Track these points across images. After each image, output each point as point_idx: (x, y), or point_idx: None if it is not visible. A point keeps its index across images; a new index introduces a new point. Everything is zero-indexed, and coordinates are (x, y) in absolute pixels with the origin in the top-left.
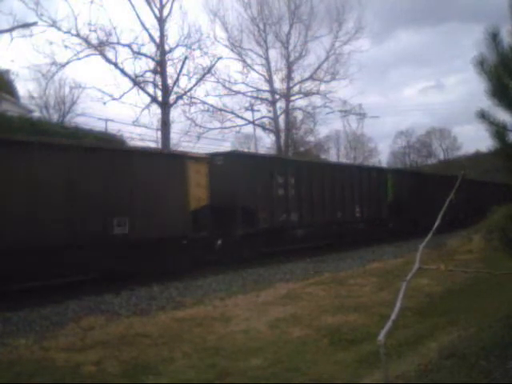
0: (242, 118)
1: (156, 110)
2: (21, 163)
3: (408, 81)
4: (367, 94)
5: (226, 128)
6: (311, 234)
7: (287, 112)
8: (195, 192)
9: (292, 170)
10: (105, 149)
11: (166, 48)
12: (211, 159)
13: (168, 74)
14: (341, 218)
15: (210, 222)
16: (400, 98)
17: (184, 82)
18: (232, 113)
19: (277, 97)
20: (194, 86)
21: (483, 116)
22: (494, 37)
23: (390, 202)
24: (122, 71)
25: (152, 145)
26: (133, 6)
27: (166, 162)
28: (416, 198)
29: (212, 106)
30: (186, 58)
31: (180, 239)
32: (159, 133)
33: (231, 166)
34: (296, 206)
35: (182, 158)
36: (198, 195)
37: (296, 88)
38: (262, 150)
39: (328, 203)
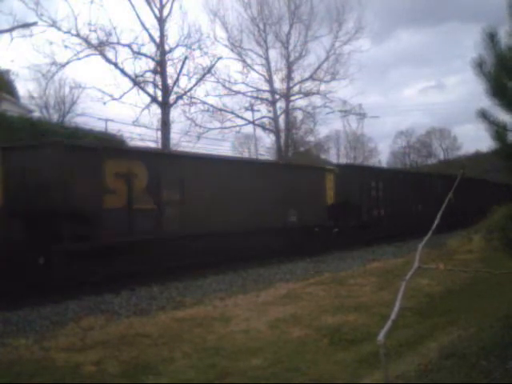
0: (242, 118)
1: (156, 110)
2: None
3: (408, 81)
4: (367, 93)
5: (226, 128)
6: (392, 225)
7: (287, 112)
8: (328, 193)
9: (380, 177)
10: (282, 165)
11: (166, 48)
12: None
13: (168, 74)
14: (410, 212)
15: (334, 215)
16: (400, 97)
17: (184, 82)
18: (232, 113)
19: (277, 97)
20: (194, 86)
21: (483, 115)
22: (492, 37)
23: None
24: (122, 71)
25: (152, 145)
26: (133, 6)
27: (314, 172)
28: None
29: (212, 105)
30: (186, 57)
31: (315, 227)
32: (159, 133)
33: (344, 174)
34: (383, 204)
35: (323, 170)
36: (329, 195)
37: (296, 88)
38: (261, 150)
39: (403, 202)
